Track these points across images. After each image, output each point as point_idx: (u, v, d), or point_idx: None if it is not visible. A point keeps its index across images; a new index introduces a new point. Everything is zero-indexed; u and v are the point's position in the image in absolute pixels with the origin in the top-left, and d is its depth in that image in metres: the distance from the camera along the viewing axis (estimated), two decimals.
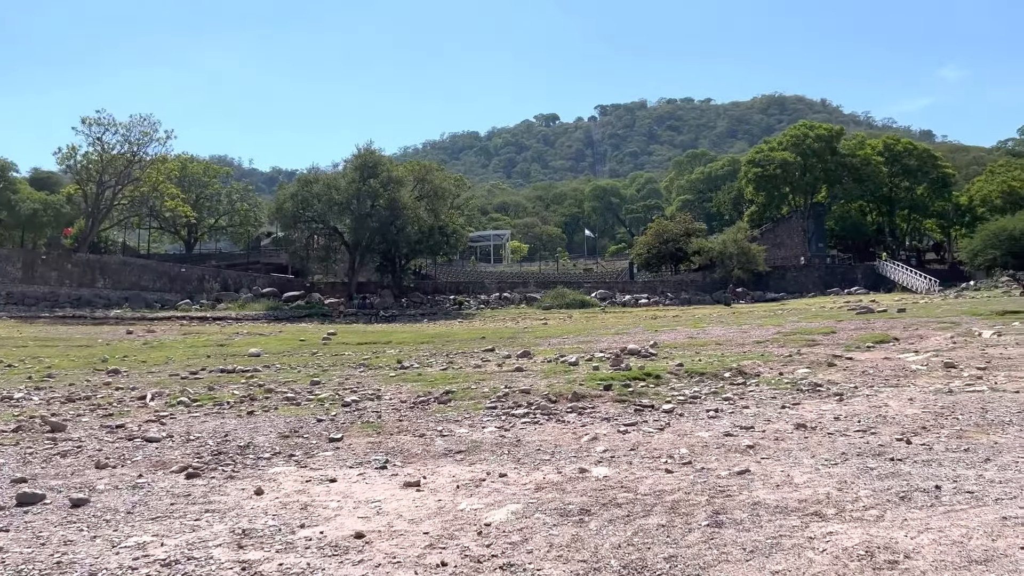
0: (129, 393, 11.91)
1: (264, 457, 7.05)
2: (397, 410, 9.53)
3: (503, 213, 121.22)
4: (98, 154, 50.07)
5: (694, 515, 4.73)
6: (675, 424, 8.09)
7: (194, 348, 22.49)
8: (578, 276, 67.33)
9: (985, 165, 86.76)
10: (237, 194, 70.52)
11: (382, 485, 5.84)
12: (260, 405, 10.29)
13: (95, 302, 45.04)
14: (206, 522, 4.96)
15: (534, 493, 5.44)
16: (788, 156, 70.99)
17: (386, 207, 49.04)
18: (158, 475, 6.39)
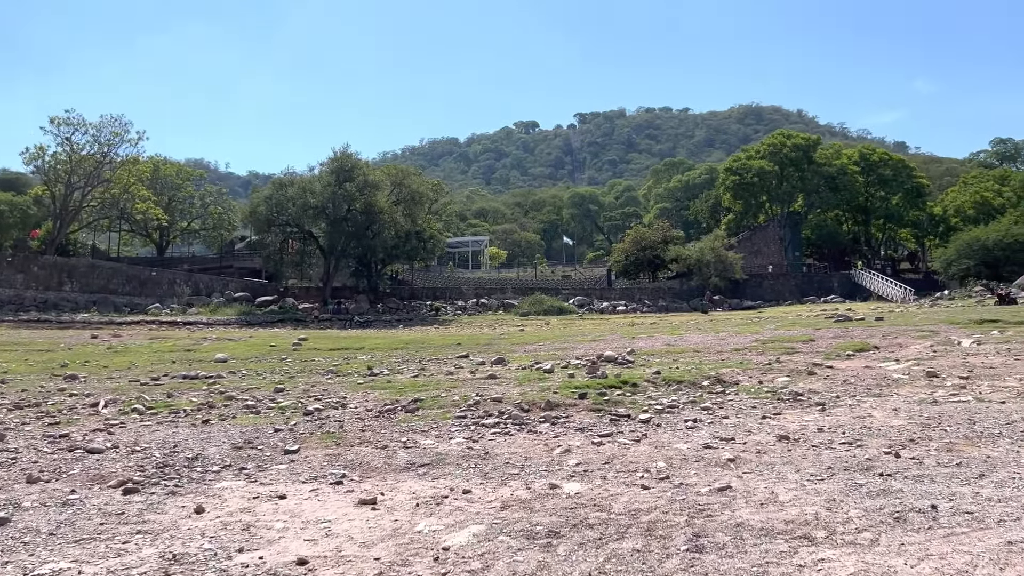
0: (83, 400, 11.33)
1: (212, 470, 6.56)
2: (361, 419, 9.06)
3: (482, 219, 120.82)
4: (67, 155, 48.98)
5: (672, 538, 4.32)
6: (652, 435, 7.69)
7: (160, 353, 21.80)
8: (556, 283, 67.00)
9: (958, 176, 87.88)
10: (211, 197, 69.46)
11: (335, 503, 5.38)
12: (217, 413, 9.77)
13: (62, 306, 43.99)
14: (135, 545, 4.48)
15: (499, 512, 5.01)
16: (765, 165, 71.33)
17: (362, 211, 48.39)
18: (93, 490, 5.88)
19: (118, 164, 51.45)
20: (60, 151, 49.17)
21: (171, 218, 63.78)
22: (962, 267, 56.92)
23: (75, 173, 49.52)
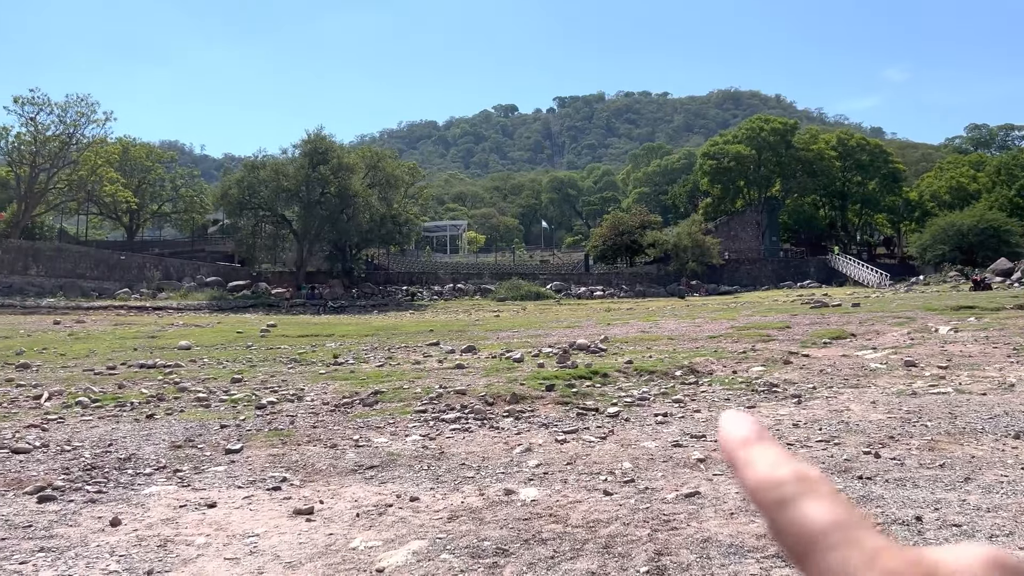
0: (30, 391, 10.75)
1: (144, 473, 6.06)
2: (315, 414, 8.57)
3: (460, 203, 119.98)
4: (31, 135, 47.59)
5: (632, 556, 3.90)
6: (619, 431, 7.27)
7: (122, 340, 21.13)
8: (534, 268, 66.56)
9: (934, 162, 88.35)
10: (182, 180, 68.09)
11: (268, 512, 4.91)
12: (165, 407, 9.24)
13: (27, 290, 42.87)
14: (32, 567, 3.99)
15: (446, 524, 4.56)
16: (743, 149, 71.18)
17: (336, 195, 47.57)
18: (6, 498, 5.37)
19: (85, 145, 50.09)
20: (24, 131, 47.80)
21: (141, 201, 62.37)
22: (937, 252, 57.16)
23: (40, 154, 48.16)
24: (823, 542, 0.29)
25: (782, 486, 0.31)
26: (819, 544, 0.29)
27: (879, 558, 0.28)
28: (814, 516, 0.30)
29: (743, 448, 0.34)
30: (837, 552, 0.29)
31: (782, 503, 0.30)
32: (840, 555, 0.28)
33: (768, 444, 0.34)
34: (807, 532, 0.29)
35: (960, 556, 0.29)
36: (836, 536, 0.29)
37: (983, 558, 0.29)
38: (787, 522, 0.30)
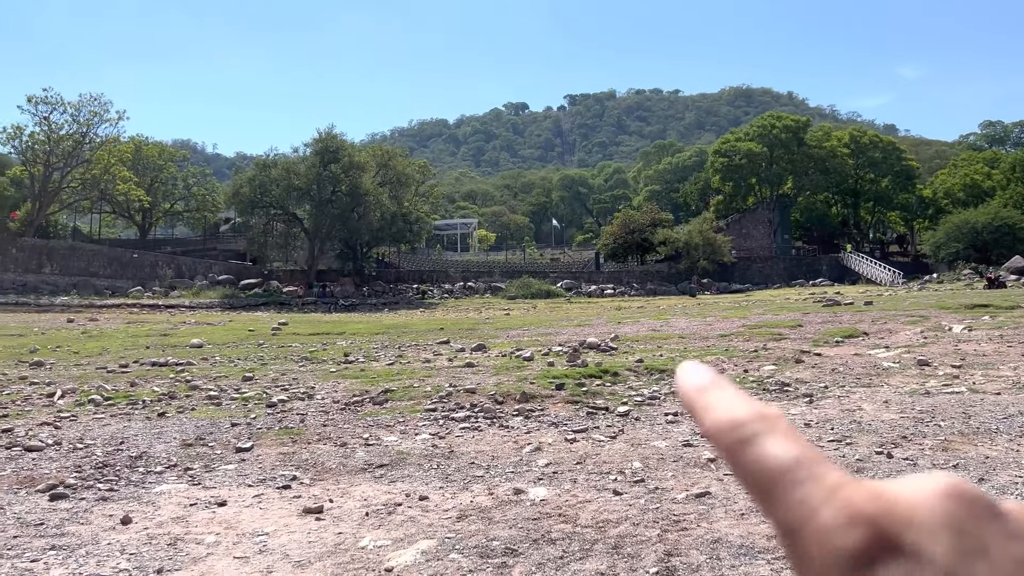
0: (43, 389, 10.83)
1: (155, 471, 6.09)
2: (326, 412, 8.59)
3: (471, 201, 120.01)
4: (45, 134, 47.92)
5: (641, 557, 3.88)
6: (629, 431, 7.25)
7: (135, 338, 21.25)
8: (544, 266, 66.52)
9: (948, 159, 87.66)
10: (194, 178, 68.40)
11: (278, 511, 4.92)
12: (177, 405, 9.28)
13: (41, 288, 43.20)
14: (43, 565, 4.01)
15: (455, 523, 4.56)
16: (755, 147, 70.85)
17: (347, 193, 47.67)
18: (19, 495, 5.40)
19: (98, 144, 50.40)
20: (38, 131, 48.13)
21: (153, 200, 62.70)
22: (951, 250, 56.75)
23: (54, 153, 48.49)
24: (785, 479, 0.29)
25: (742, 426, 0.31)
26: (781, 481, 0.29)
27: (839, 492, 0.28)
28: (775, 454, 0.30)
29: (701, 394, 0.34)
30: (799, 488, 0.29)
31: (743, 443, 0.30)
32: (801, 491, 0.28)
33: (725, 388, 0.34)
34: (769, 470, 0.29)
35: (919, 487, 0.29)
36: (797, 473, 0.29)
37: (942, 488, 0.29)
38: (749, 462, 0.30)
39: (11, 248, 44.69)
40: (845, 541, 0.27)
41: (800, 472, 0.29)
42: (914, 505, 0.28)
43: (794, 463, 0.29)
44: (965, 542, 0.27)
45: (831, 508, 0.28)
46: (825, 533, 0.28)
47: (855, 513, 0.28)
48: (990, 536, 0.27)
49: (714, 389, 0.34)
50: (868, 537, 0.27)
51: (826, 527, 0.28)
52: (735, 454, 0.31)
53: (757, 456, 0.30)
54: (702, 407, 0.33)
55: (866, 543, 0.27)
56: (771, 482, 0.29)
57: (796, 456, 0.30)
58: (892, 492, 0.29)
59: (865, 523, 0.28)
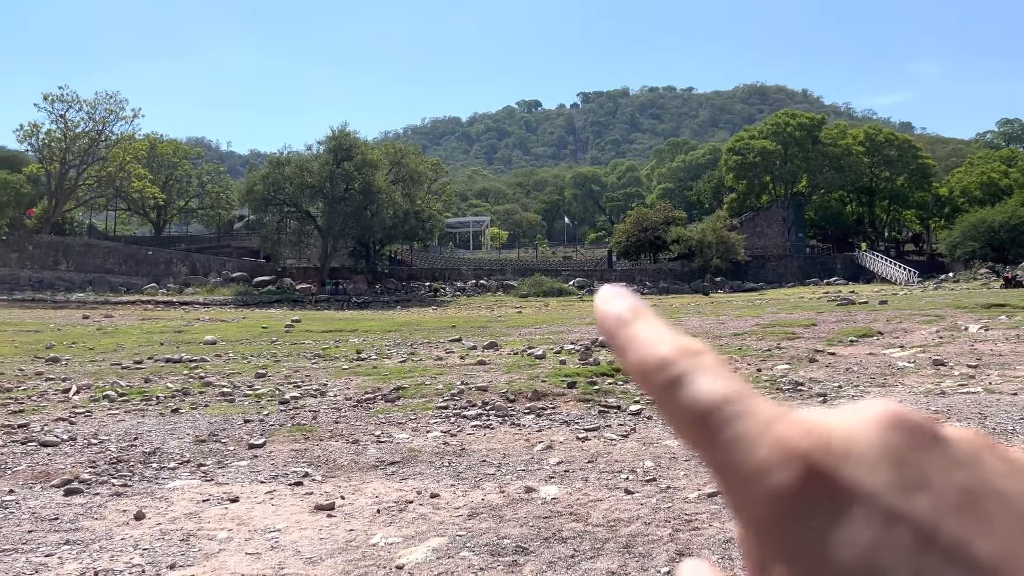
0: (59, 384, 10.92)
1: (168, 467, 6.12)
2: (338, 409, 8.61)
3: (483, 199, 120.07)
4: (61, 132, 48.32)
5: (653, 556, 3.87)
6: (641, 429, 7.23)
7: (149, 334, 21.41)
8: (557, 264, 66.46)
9: (964, 157, 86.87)
10: (208, 176, 68.75)
11: (290, 507, 4.94)
12: (190, 401, 9.34)
13: (57, 285, 43.59)
14: (58, 560, 4.04)
15: (466, 521, 4.56)
16: (769, 144, 70.46)
17: (360, 191, 47.78)
18: (34, 490, 5.45)
19: (113, 142, 50.78)
20: (54, 128, 48.55)
21: (168, 197, 63.10)
22: (967, 249, 56.27)
23: (70, 151, 48.90)
24: (715, 417, 0.27)
25: (668, 366, 0.28)
26: (711, 420, 0.27)
27: (773, 428, 0.26)
28: (704, 392, 0.27)
29: (622, 328, 0.31)
30: (730, 427, 0.26)
31: (671, 384, 0.28)
32: (733, 429, 0.26)
33: (646, 320, 0.31)
34: (699, 410, 0.27)
35: (855, 418, 0.27)
36: (728, 410, 0.27)
37: (880, 416, 0.27)
38: (678, 403, 0.27)
39: (28, 245, 45.10)
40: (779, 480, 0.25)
41: (731, 409, 0.27)
42: (851, 437, 0.26)
43: (724, 400, 0.27)
44: (905, 473, 0.25)
45: (764, 446, 0.26)
46: (759, 472, 0.26)
47: (789, 449, 0.26)
48: (932, 465, 0.26)
49: (636, 321, 0.31)
50: (802, 475, 0.25)
51: (759, 466, 0.26)
52: (663, 395, 0.28)
53: (686, 397, 0.27)
54: (624, 343, 0.30)
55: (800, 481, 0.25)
56: (702, 422, 0.27)
57: (726, 393, 0.27)
58: (828, 425, 0.27)
59: (799, 460, 0.26)
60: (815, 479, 0.25)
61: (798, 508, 0.25)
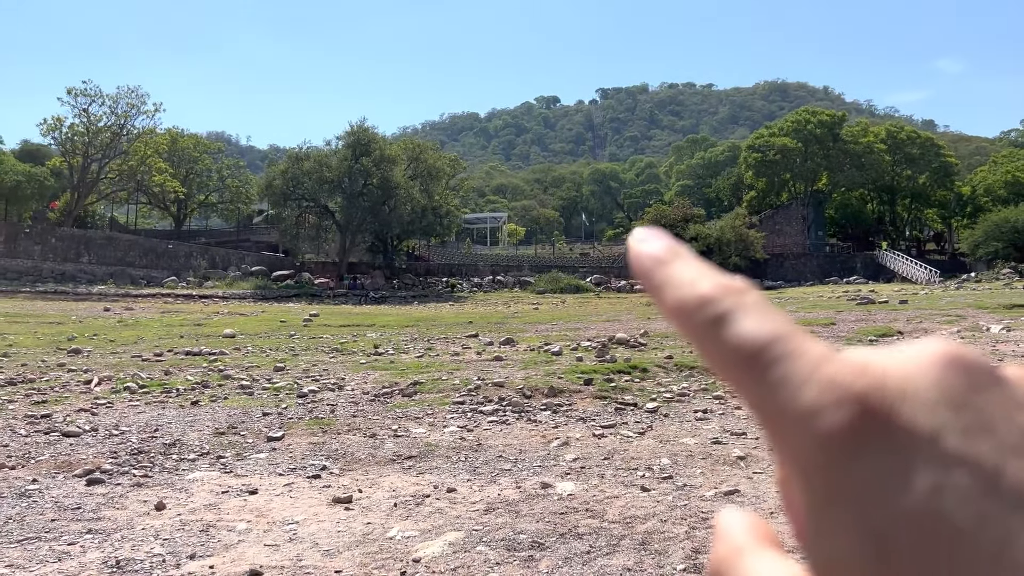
0: (80, 376, 11.06)
1: (188, 458, 6.19)
2: (355, 403, 8.67)
3: (501, 195, 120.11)
4: (84, 126, 48.83)
5: (669, 553, 3.87)
6: (658, 427, 7.22)
7: (169, 327, 21.62)
8: (574, 260, 66.36)
9: (988, 155, 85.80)
10: (228, 170, 69.21)
11: (308, 500, 4.98)
12: (210, 394, 9.43)
13: (79, 277, 44.09)
14: (80, 548, 4.10)
15: (482, 516, 4.58)
16: (789, 142, 69.91)
17: (378, 186, 47.94)
18: (57, 479, 5.53)
19: (135, 136, 51.25)
20: (77, 122, 49.05)
21: (188, 191, 63.61)
22: (990, 249, 55.59)
23: (92, 144, 49.40)
24: (762, 358, 0.25)
25: (710, 304, 0.27)
26: (758, 360, 0.25)
27: (822, 368, 0.25)
28: (749, 331, 0.26)
29: (659, 268, 0.29)
30: (777, 367, 0.25)
31: (713, 323, 0.26)
32: (781, 370, 0.25)
33: (684, 259, 0.30)
34: (744, 350, 0.25)
35: (911, 358, 0.25)
36: (775, 349, 0.25)
37: (937, 356, 0.25)
38: (721, 343, 0.26)
39: (50, 238, 45.64)
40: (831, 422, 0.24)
41: (778, 348, 0.25)
42: (907, 378, 0.25)
43: (771, 339, 0.25)
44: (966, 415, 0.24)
45: (814, 386, 0.25)
46: (809, 414, 0.24)
47: (841, 390, 0.24)
48: (993, 406, 0.24)
49: (674, 261, 0.29)
50: (856, 416, 0.24)
51: (810, 407, 0.24)
52: (705, 335, 0.27)
53: (730, 336, 0.26)
54: (662, 282, 0.29)
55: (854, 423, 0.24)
56: (746, 363, 0.25)
57: (772, 332, 0.26)
58: (882, 365, 0.25)
59: (852, 400, 0.24)
60: (870, 420, 0.24)
61: (852, 450, 0.24)
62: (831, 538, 0.24)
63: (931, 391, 0.24)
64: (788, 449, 0.25)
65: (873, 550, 0.23)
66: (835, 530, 0.24)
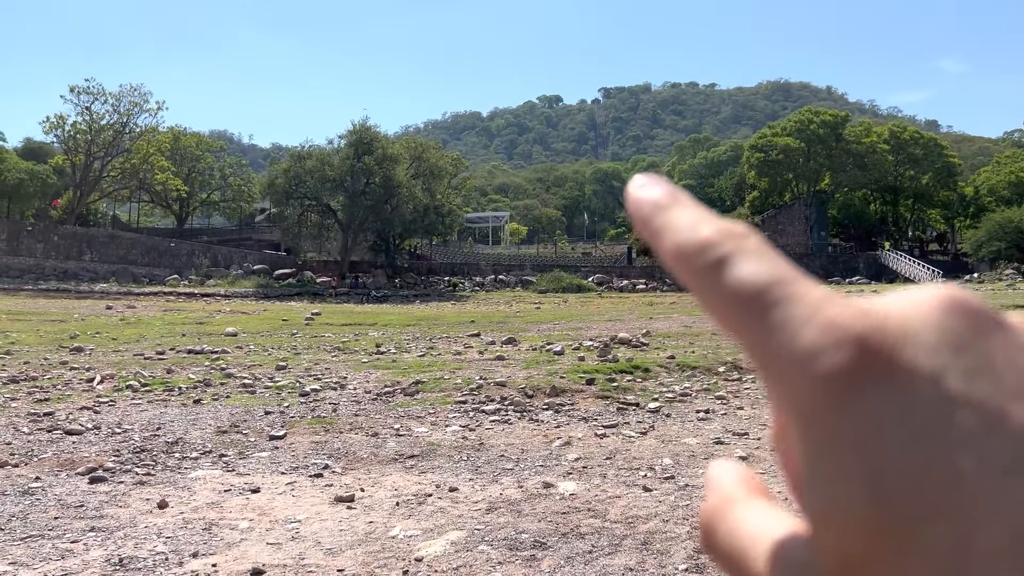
0: (83, 374, 11.07)
1: (191, 457, 6.20)
2: (357, 402, 8.67)
3: (503, 195, 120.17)
4: (86, 124, 48.90)
5: (671, 553, 3.87)
6: (660, 427, 7.22)
7: (171, 325, 21.64)
8: (576, 260, 66.38)
9: (991, 156, 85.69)
10: (230, 169, 69.30)
11: (310, 499, 4.98)
12: (212, 392, 9.44)
13: (81, 275, 44.14)
14: (83, 546, 4.11)
15: (484, 515, 4.58)
16: (792, 142, 69.87)
17: (381, 185, 47.96)
18: (60, 477, 5.53)
19: (138, 134, 51.31)
20: (80, 120, 49.14)
21: (191, 189, 63.69)
22: (993, 249, 55.54)
23: (95, 143, 49.48)
24: (761, 300, 0.25)
25: (710, 248, 0.26)
26: (757, 303, 0.25)
27: (823, 310, 0.24)
28: (748, 274, 0.25)
29: (659, 213, 0.29)
30: (777, 308, 0.25)
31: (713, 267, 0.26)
32: (780, 312, 0.25)
33: (684, 204, 0.29)
34: (743, 293, 0.25)
35: (913, 301, 0.25)
36: (775, 292, 0.25)
37: (939, 300, 0.25)
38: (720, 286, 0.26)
39: (53, 235, 45.70)
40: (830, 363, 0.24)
41: (777, 292, 0.25)
42: (908, 320, 0.24)
43: (771, 282, 0.25)
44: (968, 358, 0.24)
45: (814, 328, 0.24)
46: (808, 355, 0.24)
47: (841, 331, 0.24)
48: (995, 350, 0.24)
49: (674, 206, 0.29)
50: (856, 357, 0.24)
51: (809, 349, 0.24)
52: (704, 279, 0.26)
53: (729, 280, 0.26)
54: (660, 227, 0.28)
55: (854, 364, 0.24)
56: (746, 306, 0.25)
57: (772, 275, 0.25)
58: (882, 308, 0.25)
59: (853, 342, 0.24)
60: (870, 361, 0.24)
61: (851, 391, 0.23)
62: (828, 482, 0.23)
63: (933, 333, 0.24)
64: (786, 393, 0.25)
65: (871, 491, 0.23)
66: (833, 473, 0.23)
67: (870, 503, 0.22)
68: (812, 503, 0.24)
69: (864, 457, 0.23)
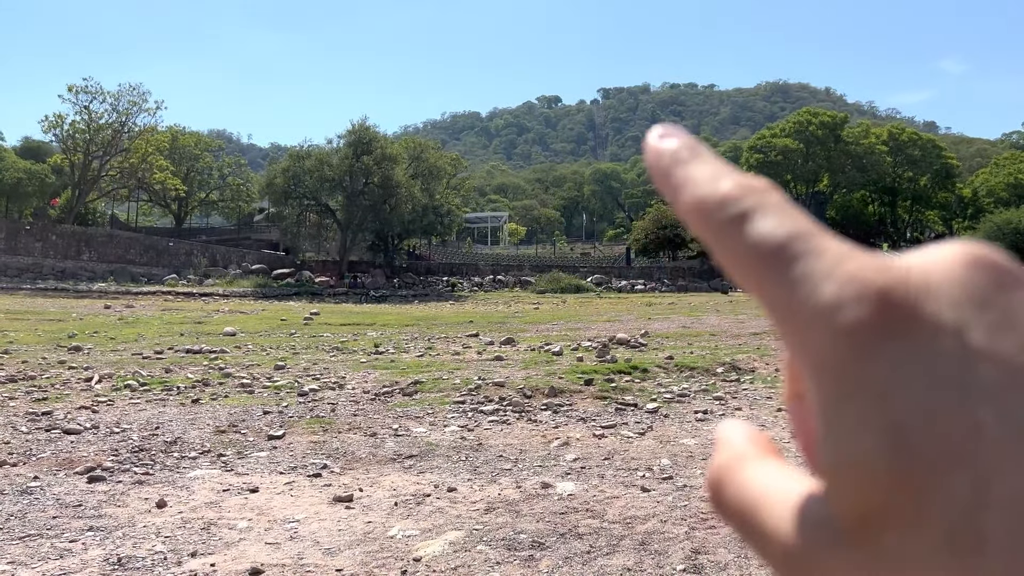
0: (81, 373, 11.07)
1: (189, 456, 6.20)
2: (356, 402, 8.68)
3: (502, 195, 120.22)
4: (85, 123, 48.85)
5: (668, 554, 3.88)
6: (658, 427, 7.23)
7: (169, 325, 21.62)
8: (575, 260, 66.39)
9: (990, 157, 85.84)
10: (229, 168, 69.27)
11: (309, 498, 4.99)
12: (210, 392, 9.44)
13: (80, 275, 44.10)
14: (82, 545, 4.11)
15: (483, 515, 4.59)
16: (790, 143, 69.98)
17: (379, 185, 47.96)
18: (58, 477, 5.54)
19: (136, 133, 51.28)
20: (78, 119, 49.08)
21: (189, 189, 63.64)
22: None
23: (93, 142, 49.43)
24: (782, 255, 0.25)
25: (731, 203, 0.26)
26: (778, 258, 0.25)
27: (844, 264, 0.24)
28: (769, 229, 0.25)
29: (678, 166, 0.28)
30: (798, 263, 0.24)
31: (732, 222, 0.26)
32: (800, 266, 0.24)
33: (704, 158, 0.28)
34: (764, 247, 0.25)
35: (935, 257, 0.25)
36: (796, 247, 0.25)
37: (961, 256, 0.25)
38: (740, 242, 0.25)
39: (51, 235, 45.66)
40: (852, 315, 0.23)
41: (799, 246, 0.25)
42: (930, 275, 0.24)
43: (792, 237, 0.25)
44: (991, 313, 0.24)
45: (835, 281, 0.24)
46: (829, 309, 0.24)
47: (862, 285, 0.24)
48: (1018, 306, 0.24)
49: (694, 159, 0.28)
50: (878, 310, 0.23)
51: (830, 302, 0.24)
52: (724, 234, 0.26)
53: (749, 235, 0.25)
54: (679, 181, 0.28)
55: (876, 317, 0.23)
56: (766, 261, 0.25)
57: (794, 229, 0.25)
58: (904, 263, 0.25)
59: (874, 295, 0.24)
60: (892, 314, 0.24)
61: (872, 344, 0.23)
62: (848, 435, 0.23)
63: (955, 288, 0.24)
64: (807, 348, 0.25)
65: (892, 442, 0.22)
66: (853, 426, 0.23)
67: (891, 454, 0.22)
68: (831, 457, 0.24)
69: (885, 409, 0.23)
